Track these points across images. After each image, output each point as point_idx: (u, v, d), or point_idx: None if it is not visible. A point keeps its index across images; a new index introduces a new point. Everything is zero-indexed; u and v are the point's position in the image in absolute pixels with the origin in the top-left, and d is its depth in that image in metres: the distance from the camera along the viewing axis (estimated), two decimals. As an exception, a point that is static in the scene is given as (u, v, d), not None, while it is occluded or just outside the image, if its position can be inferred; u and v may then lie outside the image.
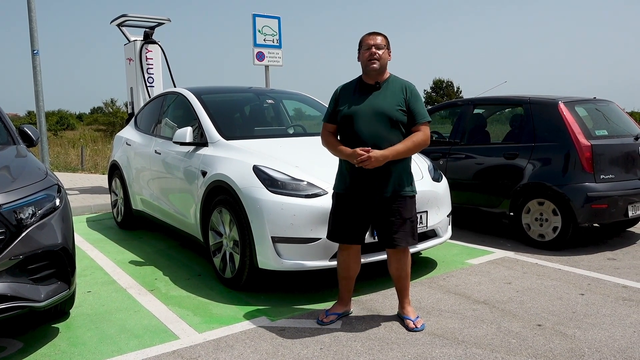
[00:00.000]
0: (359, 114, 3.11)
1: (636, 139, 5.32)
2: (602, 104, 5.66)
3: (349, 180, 3.17)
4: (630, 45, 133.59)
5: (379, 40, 3.15)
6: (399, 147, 3.06)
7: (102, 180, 10.51)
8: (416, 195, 3.26)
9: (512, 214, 5.38)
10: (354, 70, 3.13)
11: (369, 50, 3.12)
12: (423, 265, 4.61)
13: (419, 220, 3.90)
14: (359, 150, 3.02)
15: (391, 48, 3.24)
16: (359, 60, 3.22)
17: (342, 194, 3.22)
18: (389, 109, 3.09)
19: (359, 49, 3.20)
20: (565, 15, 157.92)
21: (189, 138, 4.46)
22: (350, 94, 3.21)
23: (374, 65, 3.12)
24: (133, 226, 6.18)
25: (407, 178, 3.19)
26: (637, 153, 5.22)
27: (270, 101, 5.62)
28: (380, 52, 3.11)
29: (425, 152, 5.33)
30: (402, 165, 3.15)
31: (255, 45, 9.23)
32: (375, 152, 2.99)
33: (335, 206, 3.27)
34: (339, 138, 3.25)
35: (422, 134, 3.12)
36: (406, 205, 3.18)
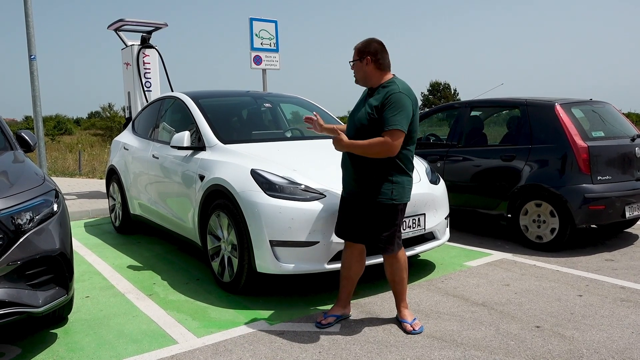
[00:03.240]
0: (349, 117, 3.33)
1: (633, 140, 5.34)
2: (598, 106, 5.68)
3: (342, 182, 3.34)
4: (627, 47, 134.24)
5: (352, 56, 3.29)
6: (357, 141, 3.09)
7: (99, 185, 10.49)
8: (414, 198, 3.28)
9: (509, 215, 5.39)
10: (352, 73, 3.18)
11: None
12: (421, 267, 4.62)
13: (417, 222, 3.93)
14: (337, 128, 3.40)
15: (380, 53, 3.17)
16: None
17: (341, 195, 3.35)
18: (361, 115, 3.16)
19: None
20: (562, 17, 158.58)
21: (186, 142, 4.46)
22: (362, 97, 3.37)
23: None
24: (131, 231, 6.18)
25: (387, 186, 3.09)
26: (634, 154, 5.23)
27: (267, 105, 5.63)
28: (353, 69, 3.27)
29: (423, 155, 5.35)
30: (378, 172, 3.09)
31: (253, 49, 9.25)
32: (342, 135, 3.14)
33: (339, 205, 3.41)
34: None
35: (382, 140, 3.00)
36: (386, 213, 3.13)
